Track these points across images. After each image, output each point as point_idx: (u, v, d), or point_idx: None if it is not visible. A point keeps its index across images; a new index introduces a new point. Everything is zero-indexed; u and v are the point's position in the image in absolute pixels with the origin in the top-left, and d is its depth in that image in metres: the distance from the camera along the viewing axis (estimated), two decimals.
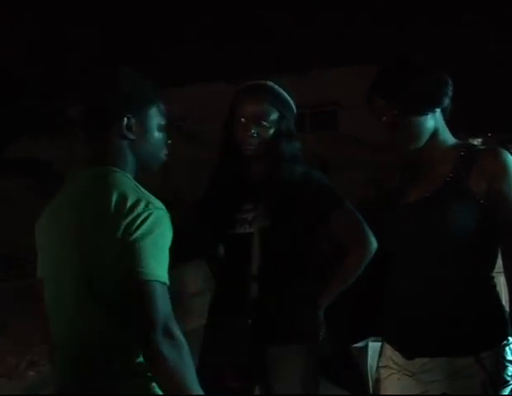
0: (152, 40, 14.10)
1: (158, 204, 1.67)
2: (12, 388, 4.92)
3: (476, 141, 2.13)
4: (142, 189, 1.70)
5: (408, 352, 1.88)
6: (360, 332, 3.88)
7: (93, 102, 1.80)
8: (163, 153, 1.86)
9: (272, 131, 2.21)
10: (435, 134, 1.89)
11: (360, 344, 3.78)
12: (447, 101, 1.89)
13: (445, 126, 1.91)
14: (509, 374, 1.80)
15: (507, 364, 1.80)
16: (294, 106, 2.28)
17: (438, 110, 1.88)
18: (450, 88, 1.88)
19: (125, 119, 1.75)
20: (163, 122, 1.84)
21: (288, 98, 2.26)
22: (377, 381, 2.04)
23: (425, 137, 1.87)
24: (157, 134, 1.82)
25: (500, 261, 1.91)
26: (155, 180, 1.87)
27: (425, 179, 1.89)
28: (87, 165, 1.80)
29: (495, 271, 1.89)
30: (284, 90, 2.25)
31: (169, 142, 1.88)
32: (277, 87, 2.23)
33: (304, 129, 14.18)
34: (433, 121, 1.87)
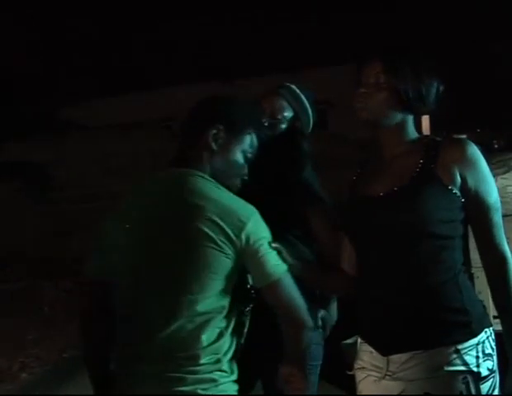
0: (142, 41, 14.07)
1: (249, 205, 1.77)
2: (4, 391, 4.91)
3: (461, 137, 2.13)
4: (231, 194, 1.80)
5: (385, 349, 1.86)
6: (352, 329, 3.90)
7: (196, 109, 1.91)
8: (238, 178, 1.89)
9: (283, 126, 2.34)
10: (403, 126, 1.90)
11: (350, 340, 3.80)
12: (431, 108, 1.92)
13: (412, 121, 1.92)
14: (489, 367, 1.80)
15: (486, 357, 1.80)
16: (311, 115, 2.42)
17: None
18: (439, 97, 1.91)
19: (215, 129, 1.82)
20: (250, 152, 1.89)
21: (307, 105, 2.40)
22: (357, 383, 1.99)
23: (392, 119, 1.88)
24: (239, 158, 1.87)
25: (476, 256, 1.91)
26: None
27: (392, 171, 1.88)
28: (169, 166, 1.85)
29: (477, 265, 1.88)
30: (307, 98, 2.40)
31: (246, 177, 1.91)
32: (298, 91, 2.40)
33: None
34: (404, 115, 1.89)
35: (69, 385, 4.43)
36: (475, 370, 1.78)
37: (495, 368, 1.82)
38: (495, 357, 1.83)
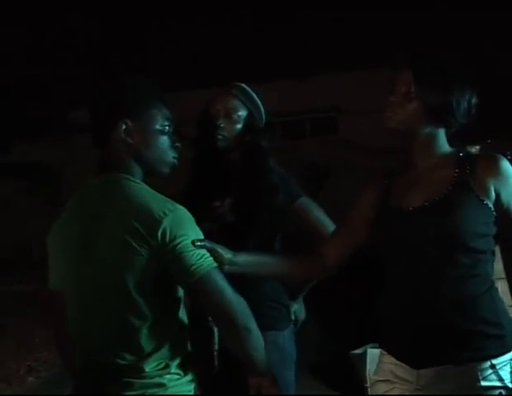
0: (151, 46, 14.08)
1: (175, 205, 1.70)
2: (12, 394, 4.91)
3: (474, 148, 2.11)
4: (155, 193, 1.73)
5: (417, 362, 1.82)
6: (359, 338, 3.89)
7: (94, 109, 1.82)
8: (169, 157, 1.83)
9: (239, 126, 2.34)
10: (433, 137, 1.88)
11: (359, 350, 3.78)
12: (462, 122, 1.89)
13: (444, 134, 1.90)
14: None
15: None
16: (263, 112, 2.41)
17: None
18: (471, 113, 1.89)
19: (123, 124, 1.75)
20: (166, 125, 1.81)
21: (258, 101, 2.40)
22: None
23: (421, 130, 1.86)
24: (160, 138, 1.80)
25: (498, 267, 1.90)
26: (156, 186, 1.87)
27: (426, 184, 1.86)
28: (97, 172, 1.80)
29: (496, 277, 1.87)
30: (257, 95, 2.41)
31: (177, 144, 1.85)
32: (249, 89, 2.40)
33: (304, 134, 14.18)
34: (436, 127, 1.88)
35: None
36: (510, 385, 1.76)
37: None
38: None
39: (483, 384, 1.75)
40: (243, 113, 2.36)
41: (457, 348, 1.78)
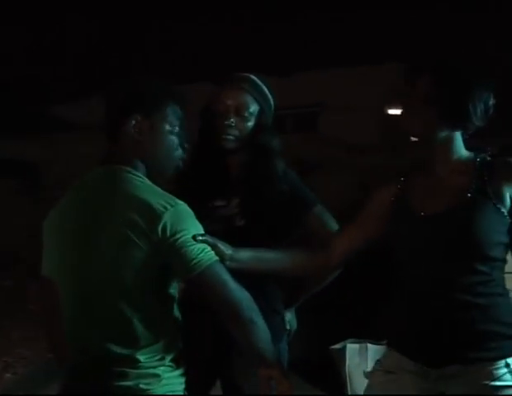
0: (151, 46, 14.01)
1: (174, 200, 1.71)
2: None
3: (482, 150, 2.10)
4: (155, 188, 1.75)
5: (434, 361, 1.83)
6: (339, 333, 3.89)
7: (108, 103, 1.84)
8: (175, 158, 1.85)
9: (251, 124, 2.17)
10: (450, 142, 1.87)
11: (338, 346, 3.79)
12: (479, 125, 1.88)
13: (460, 138, 1.89)
14: None
15: None
16: (272, 104, 2.26)
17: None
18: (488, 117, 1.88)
19: (133, 120, 1.77)
20: (176, 126, 1.83)
21: (268, 94, 2.24)
22: (374, 383, 1.97)
23: (438, 135, 1.85)
24: (168, 138, 1.81)
25: None
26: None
27: (444, 189, 1.86)
28: (100, 164, 1.81)
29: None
30: (266, 86, 2.24)
31: (186, 145, 1.86)
32: (259, 81, 2.22)
33: (285, 130, 14.19)
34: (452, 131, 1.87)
35: (54, 386, 4.39)
36: None
37: None
38: None
39: (497, 383, 1.77)
40: (254, 109, 2.18)
41: (472, 348, 1.80)
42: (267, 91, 2.23)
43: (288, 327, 2.37)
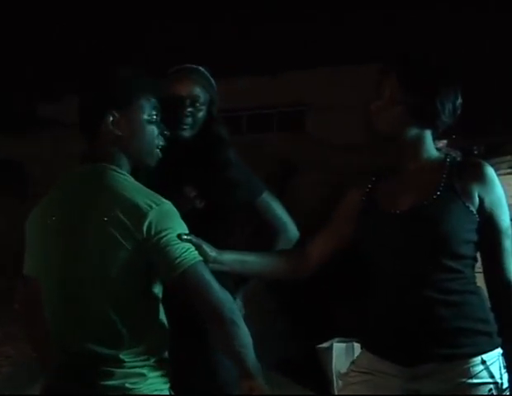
0: (151, 45, 13.96)
1: (159, 198, 1.70)
2: None
3: (442, 142, 2.12)
4: (140, 186, 1.74)
5: (409, 360, 1.84)
6: (325, 332, 3.90)
7: (82, 102, 1.83)
8: (156, 149, 1.85)
9: (202, 114, 2.28)
10: (419, 140, 1.89)
11: (325, 344, 3.80)
12: (448, 123, 1.91)
13: (430, 137, 1.91)
14: (508, 379, 1.81)
15: (505, 369, 1.81)
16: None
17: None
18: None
19: (110, 115, 1.76)
20: (154, 115, 1.82)
21: (215, 85, 2.34)
22: (348, 384, 1.98)
23: (407, 133, 1.87)
24: (147, 128, 1.81)
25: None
26: None
27: (413, 187, 1.88)
28: (82, 163, 1.81)
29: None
30: (212, 78, 2.34)
31: (166, 132, 1.86)
32: (207, 73, 2.33)
33: (271, 129, 14.20)
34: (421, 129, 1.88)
35: (39, 386, 4.36)
36: (499, 381, 1.79)
37: None
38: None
39: (474, 381, 1.78)
40: (205, 99, 2.28)
41: (445, 345, 1.81)
42: (213, 82, 2.33)
43: (243, 312, 2.35)
